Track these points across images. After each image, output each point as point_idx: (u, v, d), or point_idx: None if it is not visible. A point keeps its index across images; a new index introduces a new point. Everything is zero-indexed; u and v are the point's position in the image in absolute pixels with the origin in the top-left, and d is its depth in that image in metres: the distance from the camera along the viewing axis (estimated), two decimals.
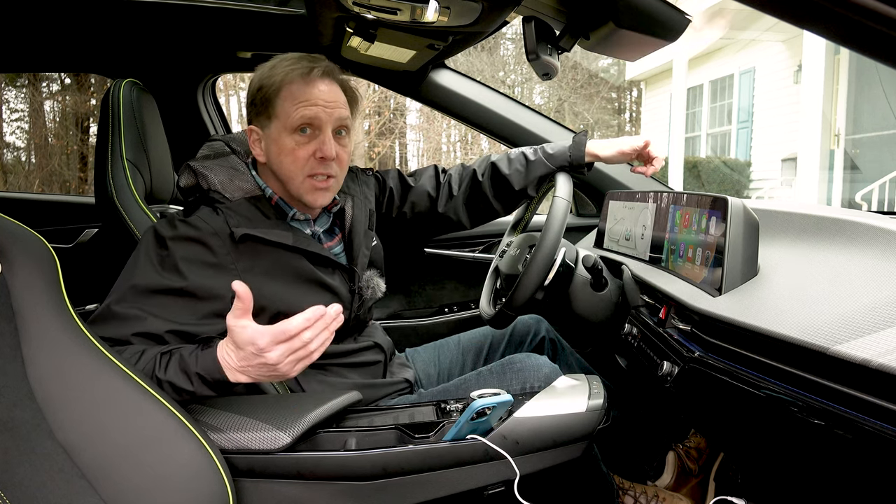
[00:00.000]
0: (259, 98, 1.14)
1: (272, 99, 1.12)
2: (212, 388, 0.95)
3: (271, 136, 1.13)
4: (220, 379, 0.94)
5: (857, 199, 6.35)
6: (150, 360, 0.95)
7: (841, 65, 6.63)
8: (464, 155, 12.36)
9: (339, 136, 1.16)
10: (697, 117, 9.66)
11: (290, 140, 1.12)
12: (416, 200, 1.47)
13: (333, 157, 1.13)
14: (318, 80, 1.12)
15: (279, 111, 1.12)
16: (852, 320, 0.68)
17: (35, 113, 10.26)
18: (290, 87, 1.11)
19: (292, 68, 1.12)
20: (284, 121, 1.11)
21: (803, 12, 0.57)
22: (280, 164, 1.13)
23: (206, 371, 0.93)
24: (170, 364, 0.95)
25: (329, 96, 1.13)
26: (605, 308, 1.33)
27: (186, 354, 0.96)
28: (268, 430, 0.96)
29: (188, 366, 0.94)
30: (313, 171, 1.13)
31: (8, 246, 0.80)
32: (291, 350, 0.90)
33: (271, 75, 1.13)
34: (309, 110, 1.10)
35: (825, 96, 6.62)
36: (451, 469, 1.00)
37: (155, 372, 0.94)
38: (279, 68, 1.13)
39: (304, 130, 1.12)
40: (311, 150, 1.12)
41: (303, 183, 1.13)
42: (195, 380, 0.94)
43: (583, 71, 12.06)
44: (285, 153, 1.12)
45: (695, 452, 1.51)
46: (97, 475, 0.77)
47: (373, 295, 1.29)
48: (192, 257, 1.05)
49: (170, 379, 0.93)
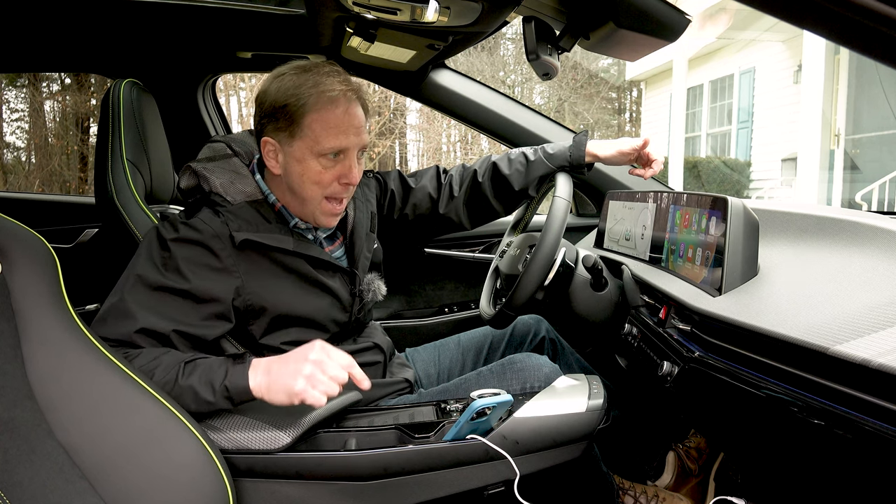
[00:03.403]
0: (282, 114, 1.08)
1: (298, 119, 1.07)
2: (231, 401, 0.96)
3: (293, 155, 1.10)
4: (243, 389, 0.95)
5: (857, 199, 6.35)
6: (171, 368, 0.96)
7: (841, 65, 6.63)
8: (464, 155, 12.35)
9: (359, 157, 1.15)
10: (697, 117, 9.66)
11: (315, 164, 1.09)
12: (417, 201, 1.47)
13: (357, 183, 1.14)
14: (350, 106, 1.10)
15: (307, 133, 1.08)
16: (852, 320, 0.68)
17: (35, 113, 10.27)
18: (321, 112, 1.07)
19: (324, 91, 1.07)
20: (312, 145, 1.08)
21: (803, 12, 0.57)
22: (301, 184, 1.11)
23: (233, 383, 0.95)
24: (194, 372, 0.97)
25: (355, 122, 1.10)
26: (605, 308, 1.32)
27: (216, 366, 0.98)
28: (268, 430, 0.96)
29: (215, 376, 0.96)
30: (333, 195, 1.13)
31: (8, 246, 0.80)
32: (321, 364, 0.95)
33: (298, 94, 1.07)
34: (340, 140, 1.08)
35: (825, 96, 6.62)
36: (451, 469, 1.00)
37: (178, 379, 0.95)
38: (306, 87, 1.07)
39: (334, 155, 1.10)
40: (336, 174, 1.11)
41: (320, 204, 1.13)
42: (219, 390, 0.95)
43: (583, 71, 12.05)
44: (310, 174, 1.10)
45: (695, 452, 1.51)
46: (97, 475, 0.77)
47: (373, 298, 1.29)
48: (195, 260, 1.05)
49: (192, 384, 0.95)
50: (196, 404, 0.95)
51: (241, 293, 1.08)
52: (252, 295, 1.09)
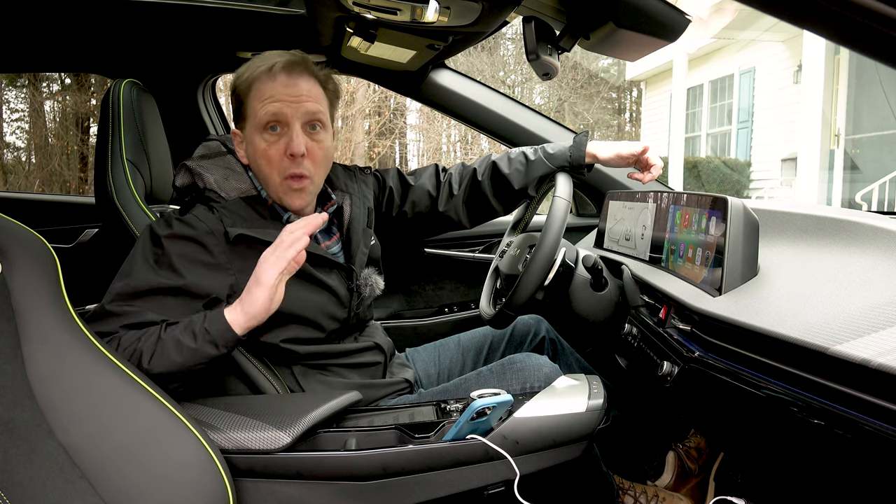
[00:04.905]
0: (235, 98, 1.14)
1: (244, 99, 1.12)
2: (215, 344, 0.97)
3: (248, 138, 1.13)
4: (223, 327, 0.97)
5: (857, 199, 6.35)
6: (155, 331, 0.98)
7: (841, 65, 6.63)
8: (464, 155, 12.35)
9: (313, 130, 1.13)
10: (697, 117, 9.66)
11: (260, 140, 1.11)
12: (416, 199, 1.47)
13: (302, 153, 1.10)
14: (281, 74, 1.10)
15: (249, 111, 1.11)
16: (852, 320, 0.68)
17: (35, 113, 10.26)
18: (256, 85, 1.10)
19: (258, 65, 1.11)
20: (254, 120, 1.11)
21: (803, 12, 0.57)
22: (257, 165, 1.13)
23: (212, 324, 0.97)
24: (176, 327, 0.98)
25: (293, 90, 1.10)
26: (605, 308, 1.32)
27: (196, 317, 1.00)
28: (268, 430, 0.96)
29: (195, 324, 0.98)
30: (287, 172, 1.11)
31: (8, 246, 0.80)
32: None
33: (240, 74, 1.12)
34: (272, 106, 1.09)
35: (825, 96, 6.61)
36: (451, 469, 1.00)
37: (161, 335, 0.96)
38: (249, 67, 1.12)
39: (273, 128, 1.10)
40: (281, 148, 1.10)
41: (280, 185, 1.13)
42: (200, 333, 0.96)
43: (583, 71, 12.06)
44: (259, 154, 1.12)
45: (695, 452, 1.51)
46: (97, 475, 0.77)
47: (371, 293, 1.29)
48: (188, 255, 1.05)
49: (175, 335, 0.96)
50: (181, 355, 0.95)
51: (235, 290, 1.08)
52: None
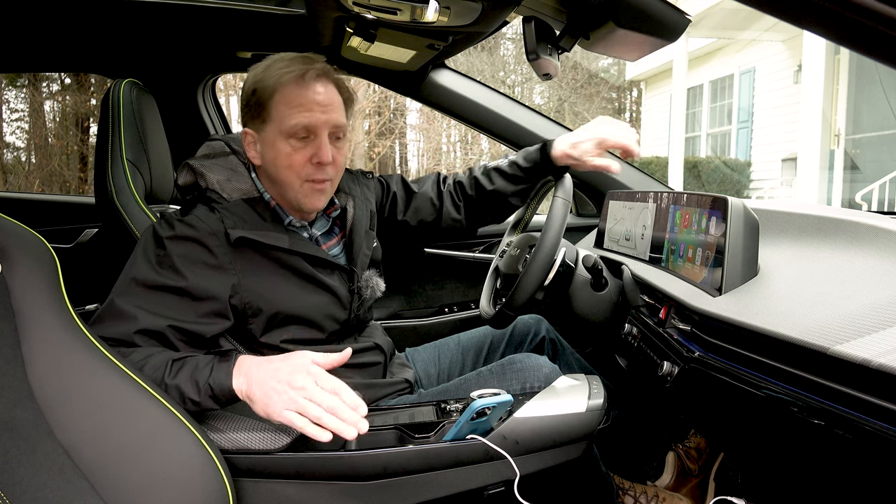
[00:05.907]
0: (253, 101, 1.12)
1: (266, 102, 1.10)
2: (217, 401, 0.94)
3: (267, 140, 1.12)
4: (227, 389, 0.93)
5: (857, 199, 6.35)
6: (160, 366, 0.95)
7: (841, 65, 6.63)
8: (464, 155, 12.35)
9: (336, 140, 1.14)
10: (697, 117, 9.66)
11: (285, 145, 1.10)
12: (419, 206, 1.47)
13: (330, 162, 1.12)
14: (314, 83, 1.10)
15: (274, 115, 1.10)
16: (852, 320, 0.68)
17: (35, 113, 10.26)
18: (284, 91, 1.09)
19: (286, 70, 1.10)
20: (279, 125, 1.09)
21: (803, 12, 0.57)
22: (276, 169, 1.12)
23: (217, 383, 0.93)
24: (182, 371, 0.95)
25: (324, 99, 1.11)
26: (605, 308, 1.33)
27: (202, 364, 0.96)
28: (268, 430, 0.96)
29: (200, 375, 0.94)
30: (310, 177, 1.12)
31: (8, 246, 0.80)
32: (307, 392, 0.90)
33: (265, 78, 1.10)
34: (304, 116, 1.09)
35: (825, 96, 6.61)
36: (451, 469, 1.00)
37: (164, 378, 0.94)
38: (273, 70, 1.10)
39: (301, 136, 1.10)
40: (307, 155, 1.11)
41: (301, 187, 1.12)
42: (203, 389, 0.93)
43: (583, 71, 12.05)
44: (281, 158, 1.11)
45: (695, 452, 1.51)
46: (97, 475, 0.77)
47: (372, 294, 1.29)
48: (190, 257, 1.05)
49: (178, 384, 0.93)
50: (183, 403, 0.93)
51: (237, 291, 1.07)
52: (249, 293, 1.09)
